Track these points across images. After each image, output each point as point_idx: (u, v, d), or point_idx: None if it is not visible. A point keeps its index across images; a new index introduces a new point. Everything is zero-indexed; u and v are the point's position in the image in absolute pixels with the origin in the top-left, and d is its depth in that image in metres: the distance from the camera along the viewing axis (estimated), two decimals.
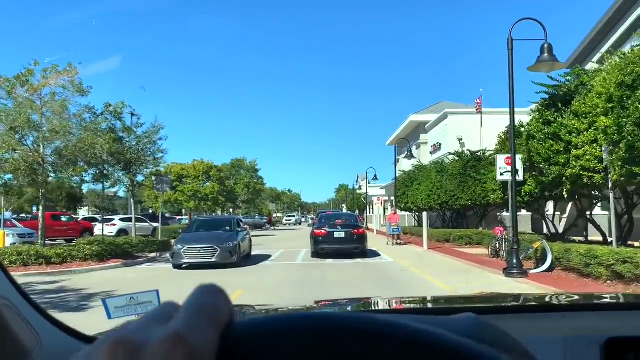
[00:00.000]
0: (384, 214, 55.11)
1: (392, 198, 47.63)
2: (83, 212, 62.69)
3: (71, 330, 1.10)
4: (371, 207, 65.84)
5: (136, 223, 33.06)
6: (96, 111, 15.24)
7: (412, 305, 1.95)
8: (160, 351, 0.33)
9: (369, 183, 52.26)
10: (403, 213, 35.77)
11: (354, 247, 16.51)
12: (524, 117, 31.48)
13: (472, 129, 35.68)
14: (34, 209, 70.36)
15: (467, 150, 23.40)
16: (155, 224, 32.95)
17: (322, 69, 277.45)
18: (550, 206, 17.75)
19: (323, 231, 16.86)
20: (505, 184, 15.62)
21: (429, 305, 2.00)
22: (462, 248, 20.01)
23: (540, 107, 12.70)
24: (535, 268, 12.05)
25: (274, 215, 78.57)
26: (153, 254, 19.03)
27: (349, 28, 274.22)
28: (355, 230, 16.99)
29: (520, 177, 14.65)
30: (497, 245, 15.44)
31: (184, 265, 14.04)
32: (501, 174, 14.66)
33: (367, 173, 46.74)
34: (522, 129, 14.20)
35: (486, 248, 17.77)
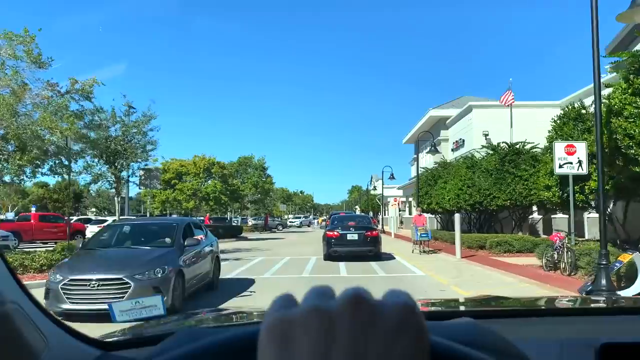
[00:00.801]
0: (398, 214, 52.08)
1: (411, 199, 44.57)
2: (89, 214, 60.47)
3: (78, 333, 1.11)
4: (386, 208, 62.71)
5: None
6: (59, 89, 12.48)
7: None
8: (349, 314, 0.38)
9: (384, 184, 49.15)
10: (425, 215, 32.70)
11: (368, 249, 15.94)
12: (554, 110, 28.11)
13: (500, 124, 32.61)
14: (33, 208, 68.27)
15: (504, 142, 20.22)
16: None
17: (333, 69, 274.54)
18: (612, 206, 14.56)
19: (336, 233, 16.23)
20: (564, 179, 12.56)
21: (426, 309, 1.80)
22: (501, 257, 16.88)
23: (628, 73, 9.51)
24: (623, 288, 8.97)
25: (284, 217, 75.94)
26: None
27: (357, 27, 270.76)
28: (369, 233, 16.29)
29: (584, 170, 11.61)
30: (555, 256, 12.34)
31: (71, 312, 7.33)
32: (560, 166, 11.67)
33: (382, 172, 43.66)
34: (592, 109, 11.06)
35: (533, 257, 14.70)
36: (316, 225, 69.56)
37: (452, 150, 38.25)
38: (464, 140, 36.86)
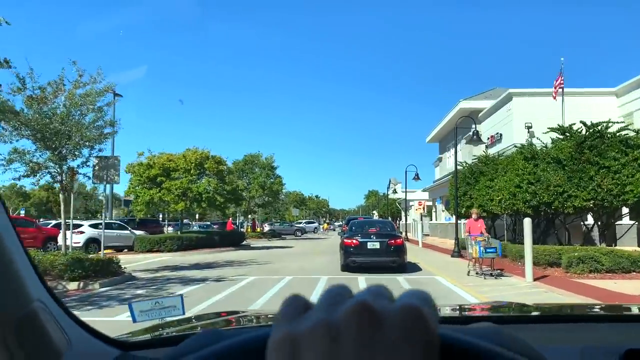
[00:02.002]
0: (421, 219, 46.92)
1: (438, 202, 39.50)
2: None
3: (98, 333, 1.13)
4: (407, 213, 57.60)
5: (112, 231, 26.24)
6: None
7: None
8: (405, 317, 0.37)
9: (407, 185, 44.02)
10: (461, 220, 27.57)
11: (391, 260, 14.17)
12: (609, 99, 22.37)
13: (546, 114, 27.69)
14: (22, 212, 64.50)
15: (581, 122, 15.17)
16: (139, 232, 25.70)
17: (348, 68, 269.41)
18: None
19: (354, 241, 14.37)
20: None
21: (447, 314, 1.83)
22: (587, 279, 11.90)
23: None
24: None
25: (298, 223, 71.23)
26: (74, 284, 11.54)
27: (371, 24, 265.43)
28: (392, 241, 14.39)
29: None
30: None
31: None
32: None
33: (406, 172, 38.65)
34: None
35: (637, 279, 9.75)
36: (322, 231, 63.93)
37: (487, 146, 33.14)
38: (501, 135, 31.79)
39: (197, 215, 57.39)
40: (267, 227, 49.58)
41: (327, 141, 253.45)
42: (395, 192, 63.60)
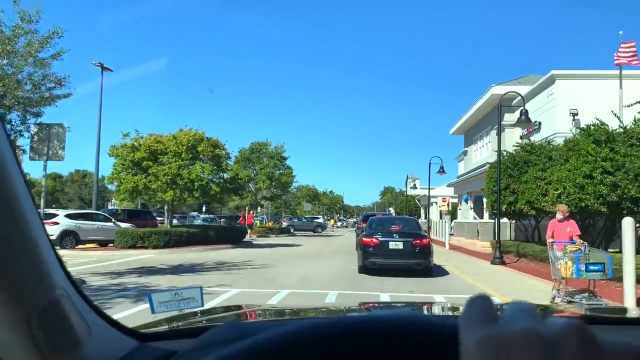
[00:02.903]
0: (441, 217, 42.99)
1: (465, 200, 35.62)
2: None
3: (117, 323, 1.13)
4: (427, 210, 53.75)
5: (93, 222, 22.99)
6: None
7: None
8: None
9: (430, 179, 40.16)
10: (503, 220, 23.83)
11: (416, 262, 12.62)
12: None
13: (596, 100, 23.87)
14: None
15: None
16: (125, 224, 22.45)
17: (368, 59, 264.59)
18: None
19: (375, 240, 12.91)
20: None
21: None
22: None
23: None
24: None
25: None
26: None
27: (395, 17, 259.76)
28: (418, 241, 12.93)
29: None
30: None
31: None
32: None
33: (429, 165, 34.87)
34: None
35: None
36: (329, 227, 59.25)
37: (521, 137, 29.22)
38: (540, 124, 27.85)
39: (203, 208, 54.27)
40: (285, 223, 46.23)
41: (342, 135, 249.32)
42: (415, 187, 59.71)
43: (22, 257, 0.80)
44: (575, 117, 24.76)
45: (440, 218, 43.76)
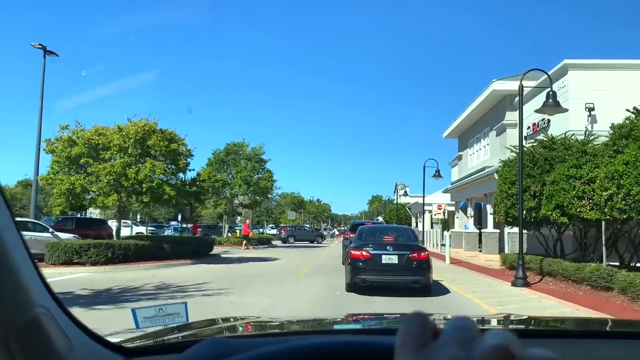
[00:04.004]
0: (432, 226, 39.49)
1: (464, 207, 32.02)
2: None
3: (101, 339, 1.12)
4: (418, 219, 50.39)
5: (25, 233, 19.17)
6: None
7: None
8: None
9: (425, 184, 36.72)
10: (512, 230, 20.42)
11: (413, 279, 11.00)
12: None
13: (617, 93, 20.99)
14: None
15: None
16: (66, 235, 18.69)
17: (351, 68, 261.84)
18: None
19: (365, 253, 11.20)
20: None
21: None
22: None
23: None
24: None
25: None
26: None
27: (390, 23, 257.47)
28: (415, 254, 11.13)
29: None
30: None
31: None
32: None
33: (424, 168, 31.49)
34: None
35: None
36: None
37: (527, 137, 25.99)
38: (548, 121, 24.54)
39: (179, 216, 50.37)
40: (284, 233, 43.52)
41: (329, 144, 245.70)
42: (406, 194, 56.37)
43: None
44: (592, 113, 21.69)
45: (431, 227, 40.42)
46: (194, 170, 18.63)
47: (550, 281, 13.63)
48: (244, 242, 30.70)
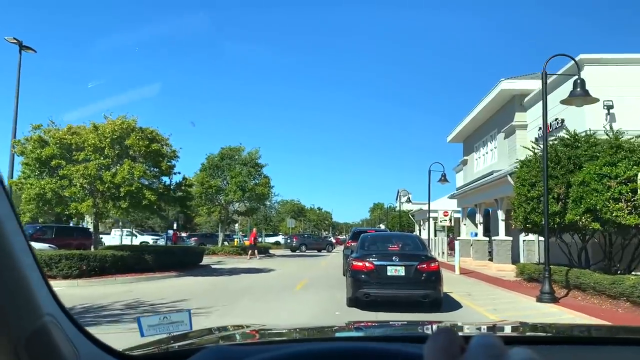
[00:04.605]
0: (435, 234, 37.74)
1: (472, 213, 30.22)
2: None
3: (106, 346, 1.13)
4: (422, 226, 48.63)
5: None
6: None
7: None
8: None
9: (430, 189, 35.09)
10: (528, 237, 18.74)
11: (422, 293, 9.92)
12: None
13: (635, 90, 19.65)
14: None
15: None
16: (41, 245, 17.13)
17: (351, 77, 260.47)
18: None
19: (368, 264, 10.15)
20: None
21: (466, 331, 1.85)
22: None
23: None
24: None
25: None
26: None
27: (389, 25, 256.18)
28: (424, 265, 10.10)
29: None
30: None
31: None
32: None
33: (429, 172, 29.87)
34: None
35: None
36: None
37: (537, 138, 24.45)
38: (562, 121, 22.94)
39: (174, 224, 48.63)
40: (296, 240, 43.91)
41: (329, 151, 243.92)
42: (409, 200, 54.71)
43: (6, 282, 0.77)
44: (610, 111, 20.14)
45: (435, 235, 38.70)
46: (179, 173, 16.99)
47: (579, 295, 11.97)
48: (250, 251, 29.55)
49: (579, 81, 11.87)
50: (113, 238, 38.20)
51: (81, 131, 14.95)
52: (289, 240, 46.01)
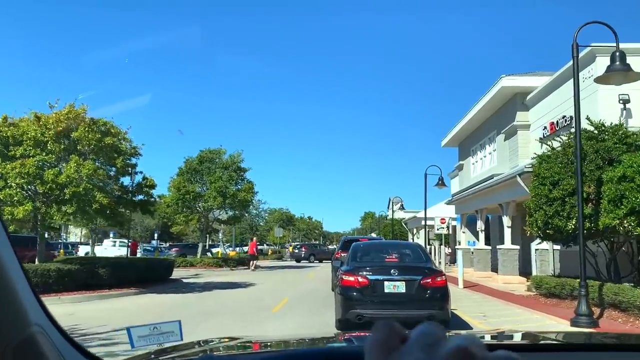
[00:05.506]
0: (429, 243, 35.64)
1: (475, 220, 27.92)
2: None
3: (94, 357, 1.11)
4: (415, 235, 46.48)
5: None
6: None
7: None
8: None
9: (426, 194, 32.81)
10: (542, 245, 16.53)
11: (427, 314, 8.23)
12: None
13: None
14: None
15: None
16: None
17: (337, 84, 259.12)
18: None
19: (361, 279, 8.64)
20: None
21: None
22: None
23: None
24: None
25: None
26: None
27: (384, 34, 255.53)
28: (429, 280, 8.63)
29: None
30: None
31: None
32: None
33: (425, 176, 27.69)
34: None
35: None
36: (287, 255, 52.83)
37: (542, 139, 22.40)
38: (570, 118, 20.75)
39: (155, 235, 46.02)
40: (305, 250, 45.30)
41: (320, 161, 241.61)
42: (402, 208, 52.61)
43: None
44: (626, 106, 18.23)
45: (429, 244, 36.55)
46: (141, 172, 14.63)
47: (618, 316, 9.81)
48: (251, 261, 28.14)
49: (617, 54, 9.73)
50: (105, 249, 35.08)
51: (20, 122, 12.60)
52: (296, 250, 46.37)
